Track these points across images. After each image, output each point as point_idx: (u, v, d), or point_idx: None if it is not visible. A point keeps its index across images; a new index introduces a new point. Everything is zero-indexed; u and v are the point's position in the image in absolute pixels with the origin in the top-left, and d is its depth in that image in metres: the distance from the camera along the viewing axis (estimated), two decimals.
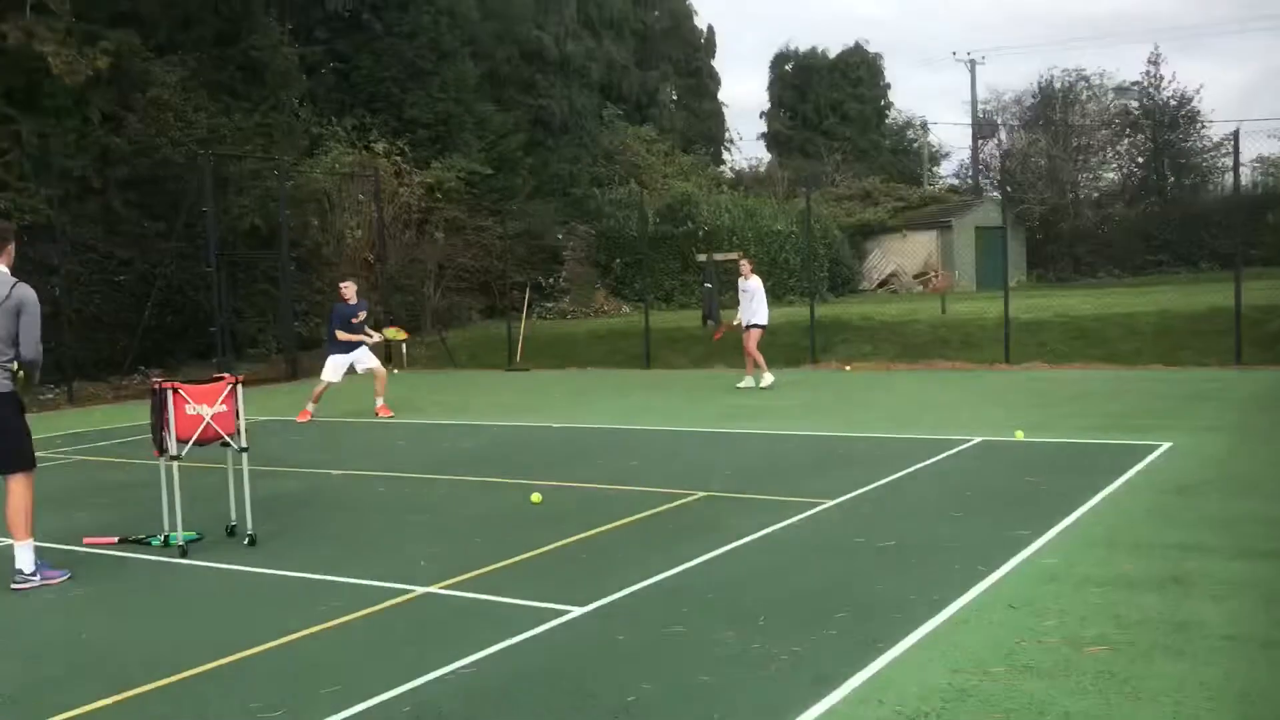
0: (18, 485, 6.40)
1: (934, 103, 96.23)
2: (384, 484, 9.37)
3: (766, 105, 55.87)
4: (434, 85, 30.63)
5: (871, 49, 55.52)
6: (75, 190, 19.85)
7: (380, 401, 14.25)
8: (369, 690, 4.47)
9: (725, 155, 51.21)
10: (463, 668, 4.69)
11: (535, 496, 8.19)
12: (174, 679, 4.72)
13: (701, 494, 8.21)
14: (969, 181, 51.78)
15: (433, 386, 18.75)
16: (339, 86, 30.57)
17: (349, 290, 14.42)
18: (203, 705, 4.43)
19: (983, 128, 52.14)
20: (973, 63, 53.72)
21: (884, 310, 24.35)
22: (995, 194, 44.25)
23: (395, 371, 22.02)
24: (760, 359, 15.68)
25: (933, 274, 38.73)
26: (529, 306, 26.21)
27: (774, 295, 32.48)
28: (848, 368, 18.46)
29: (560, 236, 33.46)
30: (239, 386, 7.22)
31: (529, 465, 9.92)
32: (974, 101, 53.19)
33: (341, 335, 14.09)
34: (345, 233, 26.07)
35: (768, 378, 15.58)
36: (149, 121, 20.74)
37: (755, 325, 15.68)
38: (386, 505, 8.50)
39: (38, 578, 6.38)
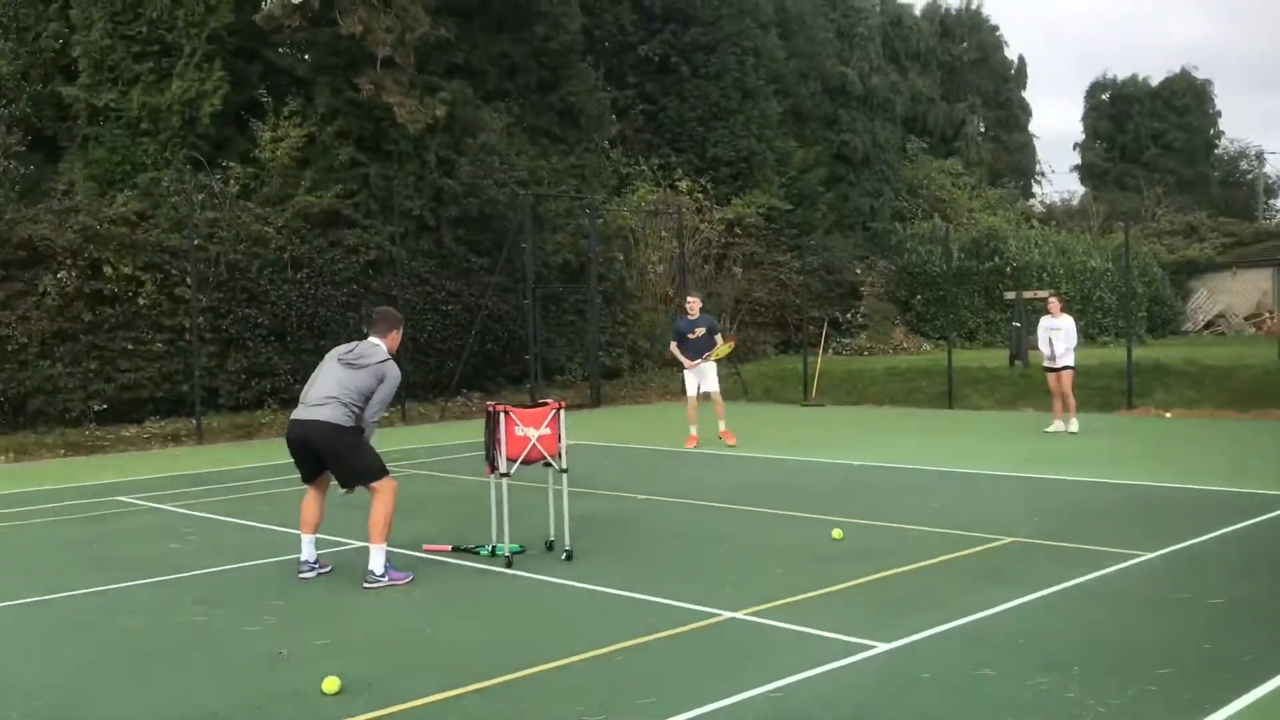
0: (382, 494, 7.13)
1: (1273, 130, 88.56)
2: (686, 511, 9.71)
3: (1081, 136, 53.41)
4: (737, 123, 31.32)
5: (1200, 74, 51.95)
6: (413, 228, 21.72)
7: (722, 426, 14.26)
8: (682, 705, 4.71)
9: (1035, 188, 49.35)
10: (770, 691, 4.85)
11: (837, 532, 8.25)
12: (508, 677, 5.15)
13: (1009, 539, 8.01)
14: None
15: (727, 419, 19.10)
16: (646, 127, 31.82)
17: (693, 306, 14.49)
18: (536, 703, 4.81)
19: None
20: None
21: (1210, 353, 22.66)
22: None
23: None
24: (1073, 402, 15.09)
25: (1268, 315, 35.62)
26: (825, 341, 26.21)
27: (1087, 335, 30.91)
28: (1167, 414, 17.32)
29: (859, 271, 33.28)
30: (562, 412, 7.74)
31: (827, 501, 9.98)
32: None
33: (671, 350, 14.37)
34: (648, 267, 27.06)
35: (1075, 423, 14.97)
36: (477, 164, 22.39)
37: (1068, 367, 15.09)
38: (688, 531, 8.80)
39: (386, 579, 7.08)
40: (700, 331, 14.26)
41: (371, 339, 7.42)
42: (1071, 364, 15.12)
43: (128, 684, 5.24)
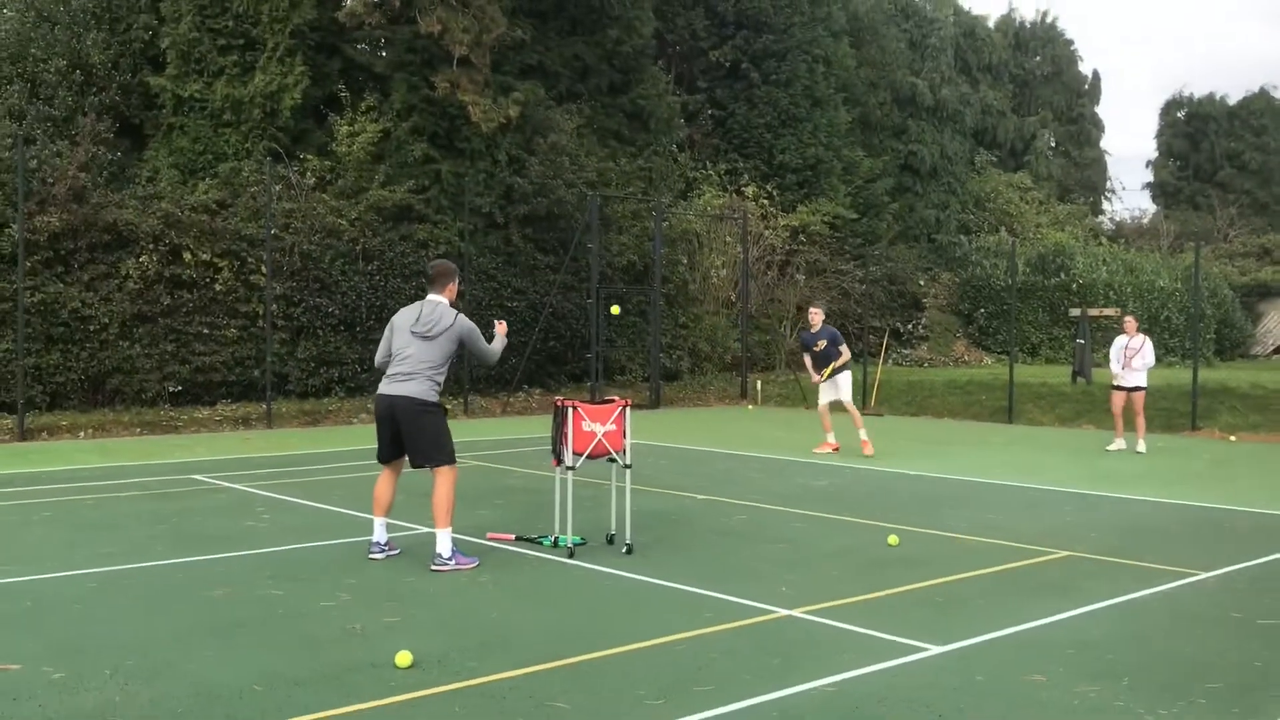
0: (444, 479, 7.42)
1: None
2: (743, 512, 9.87)
3: (1154, 154, 52.78)
4: (805, 131, 31.40)
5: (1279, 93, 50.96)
6: (482, 225, 22.11)
7: (862, 434, 14.06)
8: (739, 694, 4.90)
9: (1105, 205, 48.80)
10: (825, 686, 5.03)
11: (893, 539, 8.38)
12: (569, 661, 5.37)
13: (1064, 553, 8.09)
14: None
15: (785, 424, 19.22)
16: (715, 132, 32.01)
17: (815, 318, 14.21)
18: (595, 683, 5.03)
19: None
20: None
21: (1277, 378, 22.35)
22: None
23: (750, 407, 22.75)
24: (1143, 422, 15.09)
25: None
26: (885, 351, 26.19)
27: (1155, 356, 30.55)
28: (1232, 438, 17.15)
29: (922, 283, 33.20)
30: (628, 410, 7.95)
31: (883, 508, 10.10)
32: None
33: (804, 361, 14.30)
34: (711, 271, 27.25)
35: (1143, 444, 14.94)
36: (547, 164, 22.73)
37: (1140, 388, 15.02)
38: (746, 531, 8.97)
39: (453, 562, 7.34)
40: (822, 344, 14.02)
41: (432, 297, 7.67)
42: (1144, 384, 15.10)
43: (212, 650, 5.54)
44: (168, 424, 16.85)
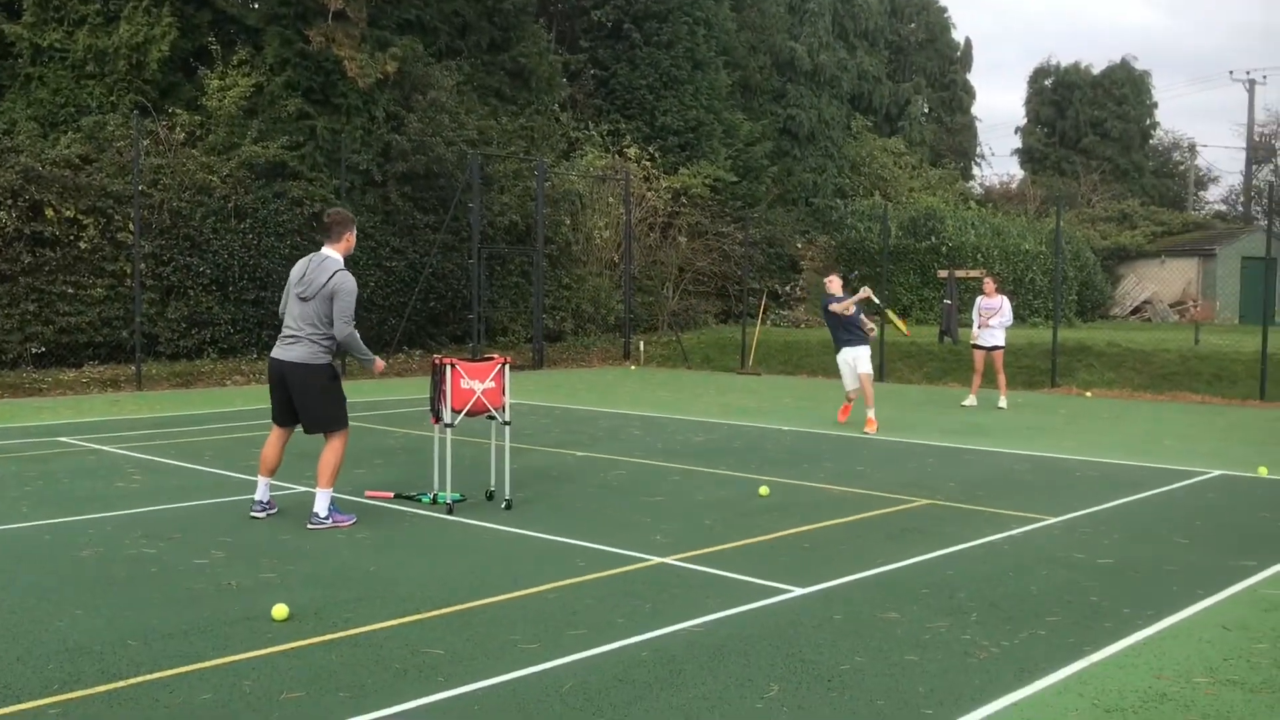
0: (334, 441, 7.42)
1: (1205, 124, 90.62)
2: (622, 467, 10.07)
3: (1023, 120, 54.29)
4: (686, 93, 31.55)
5: (1140, 65, 53.05)
6: (359, 182, 21.74)
7: (870, 413, 12.99)
8: (611, 636, 5.08)
9: (975, 170, 50.20)
10: (694, 626, 5.25)
11: (763, 489, 8.67)
12: (446, 610, 5.49)
13: (924, 501, 8.49)
14: (1238, 209, 48.73)
15: (666, 383, 19.50)
16: (597, 93, 31.94)
17: (833, 284, 13.54)
18: (471, 631, 5.16)
19: (1258, 152, 48.92)
20: (1252, 82, 50.54)
21: (1133, 338, 23.50)
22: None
23: (632, 368, 22.99)
24: (1004, 380, 15.87)
25: (1191, 303, 36.82)
26: (764, 313, 26.67)
27: (1017, 316, 31.80)
28: (1088, 394, 18.03)
29: (800, 245, 33.79)
30: (507, 367, 8.04)
31: (758, 461, 10.41)
32: (1250, 124, 50.03)
33: (834, 307, 13.14)
34: (594, 232, 27.31)
35: (1004, 400, 15.67)
36: (426, 121, 22.44)
37: (999, 347, 15.72)
38: (624, 486, 9.17)
39: (329, 520, 7.36)
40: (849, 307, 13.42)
41: (324, 250, 7.51)
42: (1003, 343, 15.78)
43: (83, 607, 5.49)
44: (31, 386, 16.29)
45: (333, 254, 7.50)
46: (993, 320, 15.54)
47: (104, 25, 20.78)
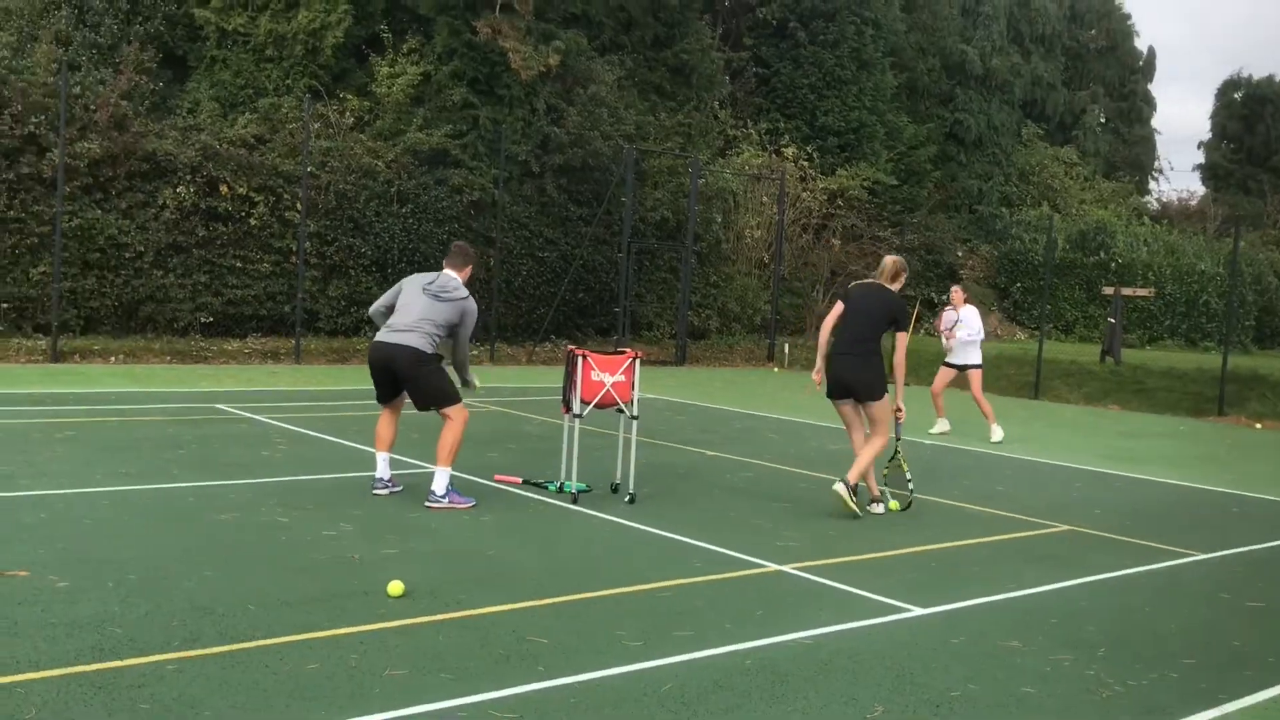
0: (454, 419, 7.54)
1: None
2: (751, 470, 9.95)
3: (1207, 135, 51.64)
4: (850, 94, 31.07)
5: None
6: (517, 173, 22.13)
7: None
8: (717, 640, 5.00)
9: (1152, 185, 47.98)
10: (802, 638, 5.11)
11: (897, 502, 8.41)
12: (556, 599, 5.49)
13: (1065, 527, 8.12)
14: None
15: (809, 387, 19.22)
16: (758, 91, 31.74)
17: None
18: (578, 622, 5.15)
19: None
20: None
21: None
22: None
23: (775, 370, 22.77)
24: (988, 407, 13.22)
25: None
26: (917, 321, 26.05)
27: (1187, 339, 30.33)
28: (1258, 425, 16.99)
29: (960, 254, 32.92)
30: (637, 361, 8.03)
31: (894, 474, 10.12)
32: None
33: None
34: (745, 231, 27.15)
35: (998, 431, 13.04)
36: (585, 115, 22.68)
37: (973, 365, 13.39)
38: (751, 489, 9.06)
39: (446, 500, 7.48)
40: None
41: (448, 272, 7.77)
42: (977, 361, 13.40)
43: (213, 569, 5.70)
44: (197, 354, 17.11)
45: (458, 277, 7.78)
46: (960, 333, 13.30)
47: (284, 11, 21.66)
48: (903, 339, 8.18)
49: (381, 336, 7.66)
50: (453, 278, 7.75)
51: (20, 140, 16.84)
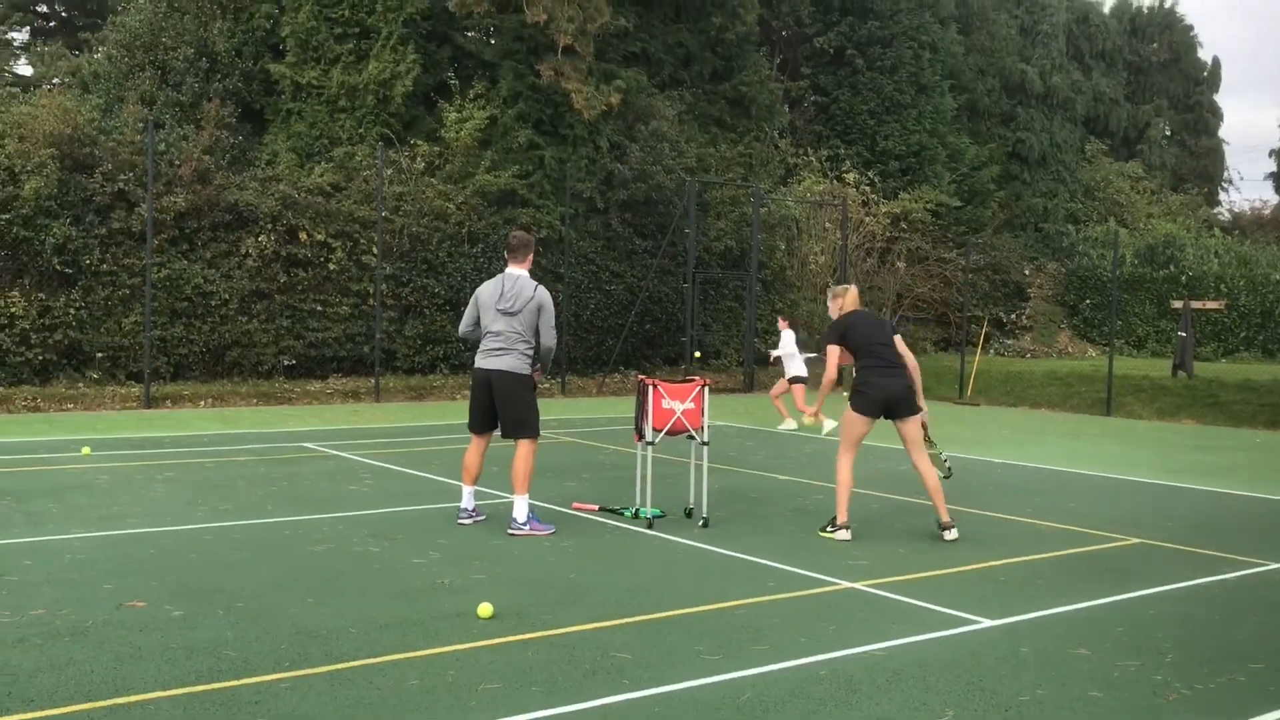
0: (524, 449, 7.88)
1: None
2: (822, 493, 10.15)
3: (1278, 142, 50.68)
4: (910, 118, 31.19)
5: None
6: (582, 209, 22.61)
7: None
8: (793, 654, 5.24)
9: (1221, 196, 47.25)
10: (874, 650, 5.34)
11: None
12: (637, 618, 5.77)
13: (1134, 540, 8.21)
14: None
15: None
16: (817, 118, 32.00)
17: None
18: (658, 639, 5.42)
19: None
20: None
21: None
22: None
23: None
24: (781, 408, 15.79)
25: None
26: (985, 341, 26.00)
27: (1264, 351, 29.80)
28: None
29: (1027, 273, 32.75)
30: (706, 389, 8.31)
31: (961, 492, 10.26)
32: None
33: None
34: (809, 258, 27.33)
35: (789, 423, 15.49)
36: (647, 150, 23.12)
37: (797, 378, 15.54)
38: (822, 510, 9.24)
39: (528, 527, 7.80)
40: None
41: (511, 270, 8.02)
42: (797, 373, 15.48)
43: (313, 596, 6.07)
44: (282, 395, 17.73)
45: (523, 272, 8.01)
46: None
47: (355, 63, 22.44)
48: (901, 341, 8.29)
49: (479, 360, 8.00)
50: (518, 279, 7.95)
51: (110, 197, 17.66)
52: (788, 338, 15.91)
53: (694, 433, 8.29)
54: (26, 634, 5.28)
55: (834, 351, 8.20)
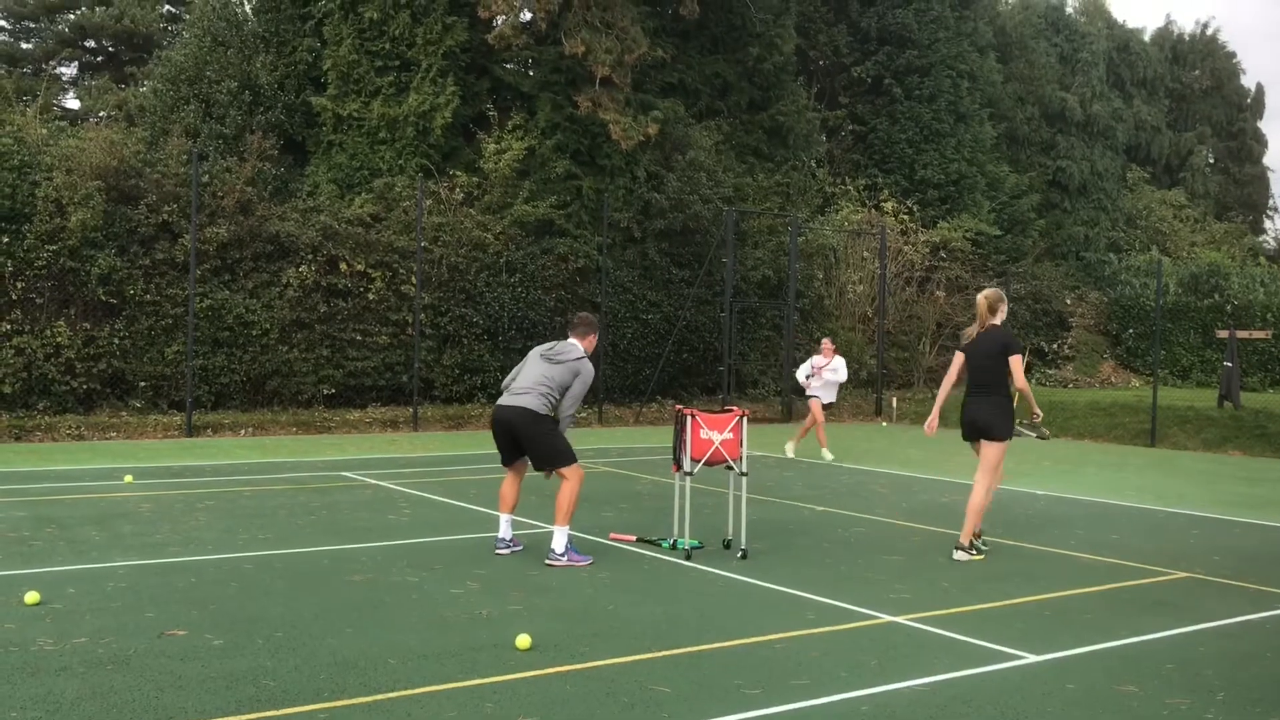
0: (570, 479, 7.85)
1: None
2: (863, 525, 10.06)
3: None
4: (948, 146, 31.07)
5: None
6: (620, 239, 22.67)
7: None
8: (833, 689, 5.17)
9: (1267, 223, 46.64)
10: (917, 685, 5.25)
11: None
12: (676, 651, 5.72)
13: (1182, 574, 8.06)
14: None
15: (917, 442, 19.15)
16: (855, 147, 31.96)
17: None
18: (697, 672, 5.37)
19: None
20: None
21: None
22: None
23: (884, 424, 22.70)
24: (822, 437, 16.00)
25: None
26: (1027, 371, 25.73)
27: None
28: None
29: (1069, 302, 32.43)
30: (745, 420, 8.27)
31: (1004, 525, 10.13)
32: None
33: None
34: (848, 287, 27.24)
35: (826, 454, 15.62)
36: (684, 180, 23.17)
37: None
38: (863, 543, 9.16)
39: (565, 559, 7.77)
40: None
41: (571, 340, 8.14)
42: (830, 400, 16.31)
43: (352, 626, 6.07)
44: (321, 424, 17.84)
45: (579, 345, 8.08)
46: (826, 374, 16.06)
47: (395, 95, 22.69)
48: (1016, 360, 8.59)
49: (501, 400, 8.04)
50: (573, 345, 8.08)
51: (155, 228, 17.92)
52: (841, 364, 16.28)
53: (732, 463, 8.24)
54: (69, 662, 5.32)
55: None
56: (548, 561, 7.76)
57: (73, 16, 36.26)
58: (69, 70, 37.46)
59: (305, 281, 19.00)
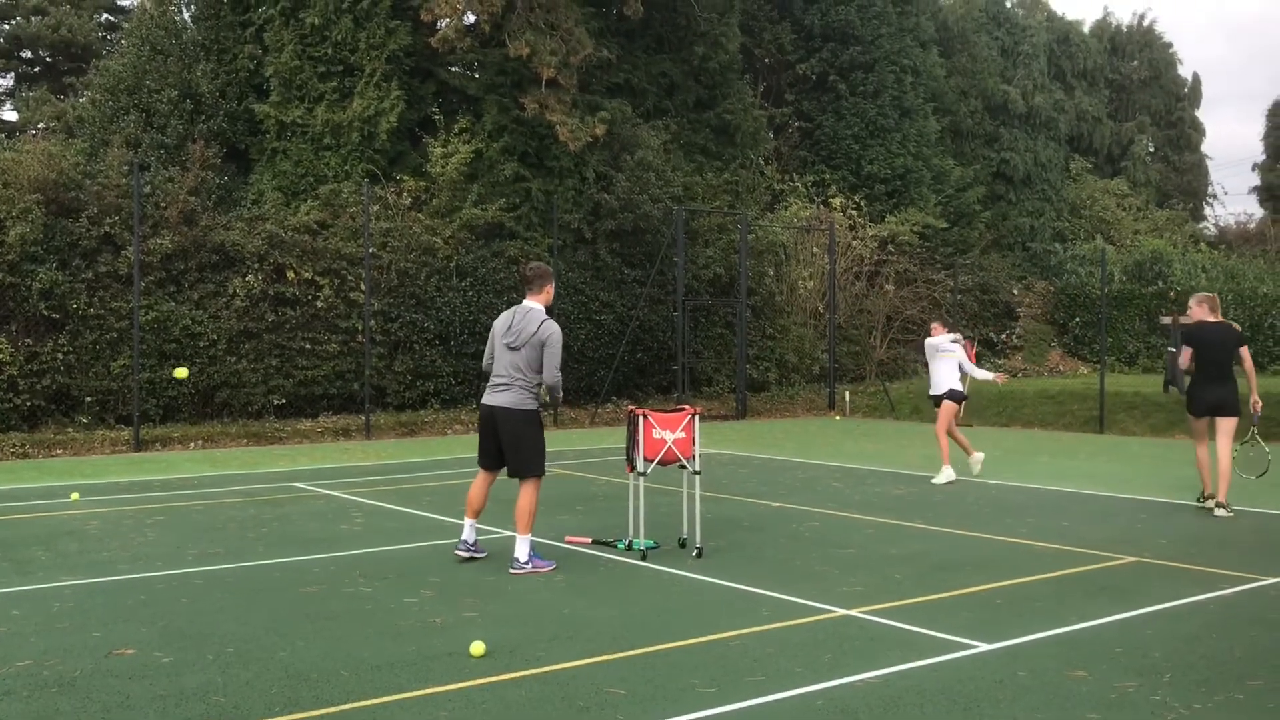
0: (528, 489, 7.82)
1: None
2: (816, 519, 10.11)
3: (1261, 156, 51.09)
4: (894, 141, 31.34)
5: None
6: (570, 240, 22.64)
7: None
8: (788, 684, 5.19)
9: (1207, 210, 47.53)
10: (870, 678, 5.29)
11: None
12: (631, 652, 5.72)
13: (1130, 559, 8.18)
14: None
15: (870, 435, 19.31)
16: (802, 144, 32.13)
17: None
18: (653, 673, 5.37)
19: None
20: None
21: None
22: None
23: (836, 418, 22.86)
24: (944, 444, 12.66)
25: None
26: (976, 361, 26.02)
27: (1257, 364, 29.80)
28: None
29: (1016, 292, 32.83)
30: (697, 418, 8.29)
31: (956, 516, 10.25)
32: None
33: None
34: (798, 283, 27.38)
35: (947, 473, 12.55)
36: (633, 180, 23.18)
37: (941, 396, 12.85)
38: (816, 537, 9.22)
39: (529, 566, 7.74)
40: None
41: (526, 302, 7.91)
42: (941, 393, 12.93)
43: (304, 639, 6.01)
44: (272, 435, 17.65)
45: (536, 305, 7.89)
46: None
47: (339, 101, 22.51)
48: (1245, 351, 10.41)
49: (485, 396, 7.96)
50: (529, 313, 7.80)
51: (97, 240, 17.63)
52: (946, 339, 12.99)
53: (685, 462, 8.26)
54: (13, 686, 5.22)
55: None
56: (512, 570, 7.71)
57: (8, 27, 35.64)
58: (5, 81, 36.83)
59: (252, 291, 18.79)
